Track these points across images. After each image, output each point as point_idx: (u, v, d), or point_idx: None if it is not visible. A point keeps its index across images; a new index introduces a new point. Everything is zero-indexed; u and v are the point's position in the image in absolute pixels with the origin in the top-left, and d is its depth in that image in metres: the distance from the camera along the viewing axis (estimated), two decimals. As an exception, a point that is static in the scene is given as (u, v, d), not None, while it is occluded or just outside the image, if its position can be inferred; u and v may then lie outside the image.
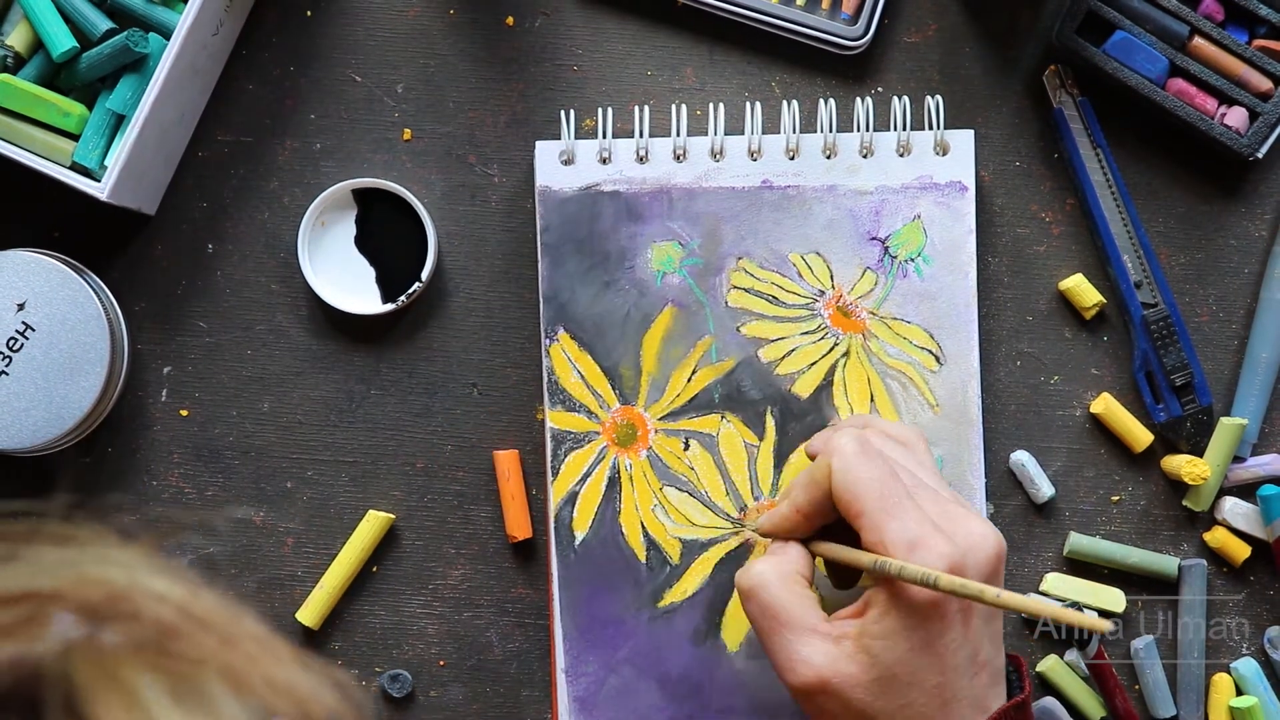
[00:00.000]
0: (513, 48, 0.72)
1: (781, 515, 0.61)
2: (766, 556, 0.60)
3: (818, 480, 0.58)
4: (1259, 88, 0.69)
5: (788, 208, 0.70)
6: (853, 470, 0.57)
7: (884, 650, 0.55)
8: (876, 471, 0.57)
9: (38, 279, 0.67)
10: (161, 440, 0.71)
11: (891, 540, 0.55)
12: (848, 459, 0.57)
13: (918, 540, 0.55)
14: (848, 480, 0.57)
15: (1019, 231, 0.71)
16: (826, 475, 0.58)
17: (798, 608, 0.57)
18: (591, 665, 0.69)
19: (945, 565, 0.54)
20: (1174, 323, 0.70)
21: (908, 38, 0.72)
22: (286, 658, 0.36)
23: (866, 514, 0.56)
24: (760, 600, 0.58)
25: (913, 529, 0.55)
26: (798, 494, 0.60)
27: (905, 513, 0.56)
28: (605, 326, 0.70)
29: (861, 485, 0.57)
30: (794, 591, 0.58)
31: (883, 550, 0.56)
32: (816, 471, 0.59)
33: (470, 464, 0.71)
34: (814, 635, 0.57)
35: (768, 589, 0.58)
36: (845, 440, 0.58)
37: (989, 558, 0.56)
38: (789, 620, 0.57)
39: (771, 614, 0.57)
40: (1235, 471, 0.71)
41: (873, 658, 0.56)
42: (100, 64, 0.66)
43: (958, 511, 0.58)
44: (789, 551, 0.60)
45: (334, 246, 0.71)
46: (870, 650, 0.56)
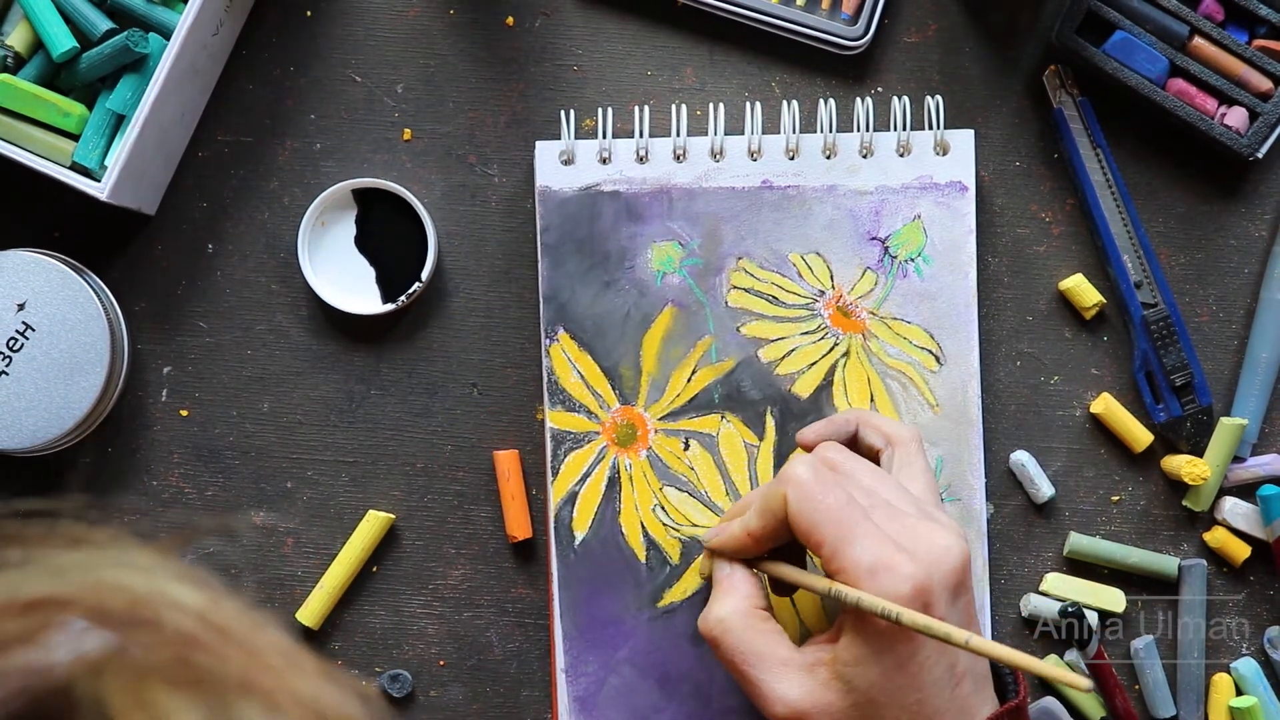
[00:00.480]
0: (513, 48, 0.72)
1: (732, 535, 0.60)
2: (721, 598, 0.60)
3: (773, 509, 0.58)
4: (1259, 88, 0.69)
5: (788, 208, 0.70)
6: (808, 500, 0.56)
7: (857, 676, 0.55)
8: (832, 499, 0.56)
9: (38, 279, 0.67)
10: (161, 440, 0.71)
11: (852, 567, 0.55)
12: (803, 488, 0.57)
13: (878, 563, 0.55)
14: (804, 510, 0.56)
15: (1019, 231, 0.71)
16: (782, 505, 0.57)
17: (765, 645, 0.57)
18: (591, 665, 0.69)
19: (909, 586, 0.54)
20: (1174, 323, 0.70)
21: (908, 38, 0.72)
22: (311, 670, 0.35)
23: (826, 543, 0.56)
24: (726, 645, 0.58)
25: (873, 552, 0.55)
26: (751, 518, 0.59)
27: (864, 536, 0.55)
28: (605, 326, 0.70)
29: (819, 514, 0.56)
30: (758, 630, 0.58)
31: (845, 578, 0.55)
32: (772, 500, 0.58)
33: (470, 464, 0.71)
34: (786, 669, 0.57)
35: (731, 633, 0.58)
36: (800, 469, 0.57)
37: (953, 569, 0.55)
38: (758, 660, 0.57)
39: (740, 657, 0.58)
40: (1235, 471, 0.71)
41: (848, 684, 0.55)
42: (100, 64, 0.66)
43: (918, 526, 0.57)
44: (740, 586, 0.60)
45: (334, 246, 0.71)
46: (844, 677, 0.56)
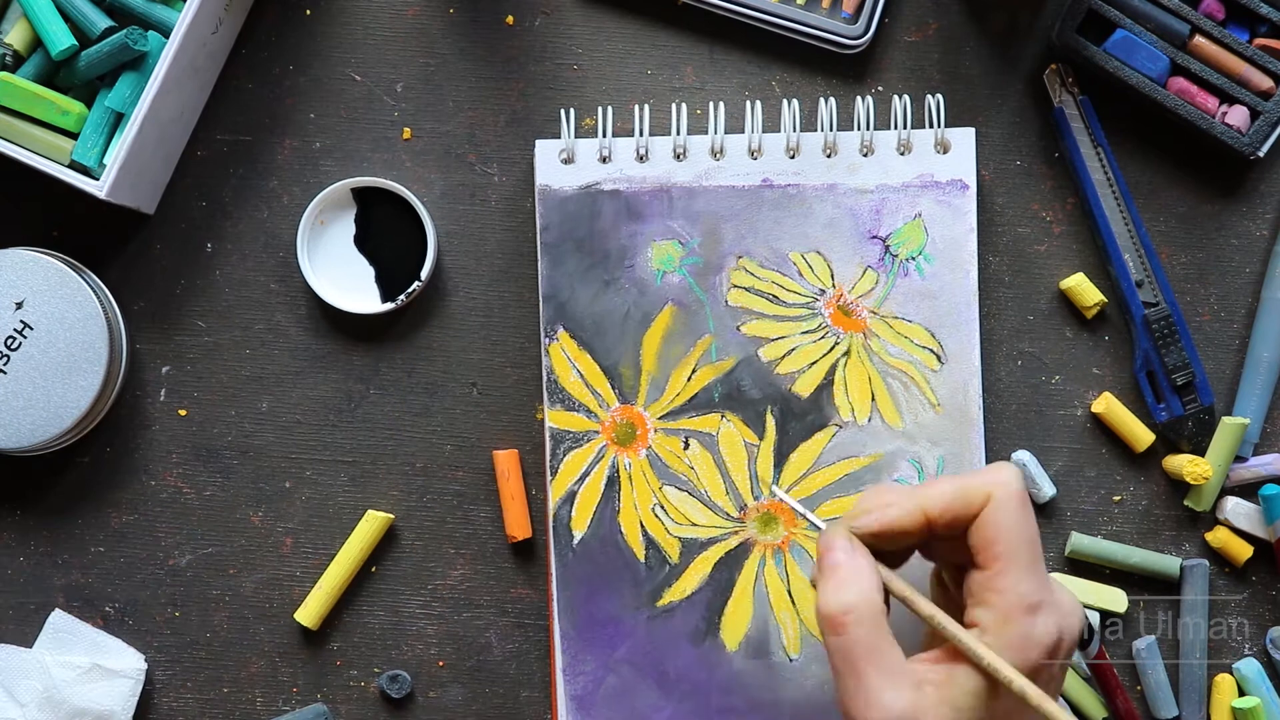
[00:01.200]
0: (513, 47, 0.72)
1: (904, 511, 0.57)
2: (849, 582, 0.56)
3: (969, 499, 0.56)
4: (1260, 86, 0.69)
5: (788, 206, 0.70)
6: (1014, 512, 0.55)
7: (969, 709, 0.54)
8: (1032, 522, 0.56)
9: (36, 278, 0.67)
10: (160, 440, 0.71)
11: (1021, 594, 0.54)
12: (1015, 499, 0.55)
13: (1040, 605, 0.54)
14: (1006, 518, 0.55)
15: (1020, 230, 0.71)
16: (982, 501, 0.55)
17: (888, 649, 0.55)
18: (590, 664, 0.69)
19: (1053, 638, 0.54)
20: (1175, 322, 0.69)
21: (908, 36, 0.72)
22: None
23: (1006, 558, 0.55)
24: (850, 636, 0.55)
25: (1041, 593, 0.55)
26: (935, 500, 0.56)
27: (1040, 573, 0.55)
28: (605, 325, 0.69)
29: (1016, 530, 0.55)
30: (882, 629, 0.55)
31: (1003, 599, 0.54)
32: (972, 491, 0.56)
33: (470, 464, 0.71)
34: (899, 678, 0.54)
35: (860, 625, 0.55)
36: (1013, 477, 0.56)
37: (1078, 628, 0.56)
38: (877, 659, 0.54)
39: (861, 651, 0.55)
40: (1237, 471, 0.71)
41: (956, 712, 0.54)
42: (99, 62, 0.66)
43: (1053, 580, 0.57)
44: (867, 575, 0.56)
45: (333, 246, 0.71)
46: (955, 704, 0.54)
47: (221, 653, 0.71)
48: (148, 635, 0.71)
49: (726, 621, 0.69)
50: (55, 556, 0.71)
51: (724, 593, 0.69)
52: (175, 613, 0.71)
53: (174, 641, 0.71)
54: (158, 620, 0.71)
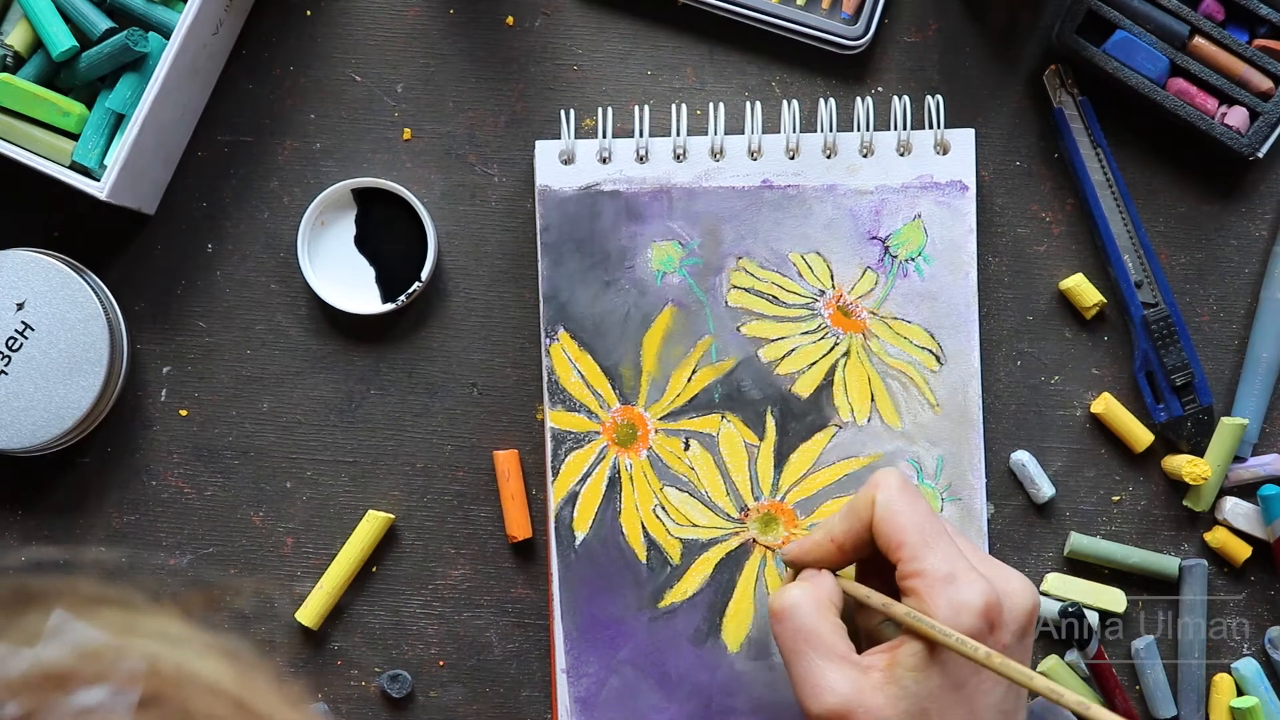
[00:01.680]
0: (513, 47, 0.72)
1: (814, 542, 0.60)
2: (800, 582, 0.59)
3: (858, 511, 0.59)
4: (1259, 87, 0.69)
5: (788, 207, 0.70)
6: (896, 502, 0.57)
7: (915, 682, 0.55)
8: (920, 507, 0.57)
9: (37, 278, 0.67)
10: (161, 440, 0.71)
11: (931, 569, 0.55)
12: (892, 490, 0.58)
13: (956, 573, 0.55)
14: (891, 511, 0.57)
15: (1019, 231, 0.71)
16: (868, 506, 0.58)
17: (829, 634, 0.57)
18: (593, 666, 0.69)
19: (982, 601, 0.55)
20: (1174, 322, 0.69)
21: (908, 37, 0.72)
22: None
23: (907, 545, 0.56)
24: (792, 623, 0.57)
25: (952, 562, 0.56)
26: (835, 523, 0.60)
27: (947, 546, 0.56)
28: (605, 326, 0.69)
29: (903, 516, 0.57)
30: (826, 619, 0.57)
31: (920, 581, 0.56)
32: (858, 502, 0.59)
33: (470, 464, 0.71)
34: (843, 663, 0.56)
35: (800, 612, 0.57)
36: (889, 475, 0.59)
37: (1025, 608, 0.56)
38: (819, 645, 0.57)
39: (802, 638, 0.57)
40: (1236, 471, 0.71)
41: (902, 689, 0.55)
42: (100, 63, 0.66)
43: (996, 562, 0.58)
44: (822, 580, 0.59)
45: (334, 246, 0.71)
46: (900, 681, 0.55)
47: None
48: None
49: (728, 622, 0.69)
50: (56, 557, 0.71)
51: (725, 594, 0.69)
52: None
53: (175, 641, 0.71)
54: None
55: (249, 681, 0.33)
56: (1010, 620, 0.56)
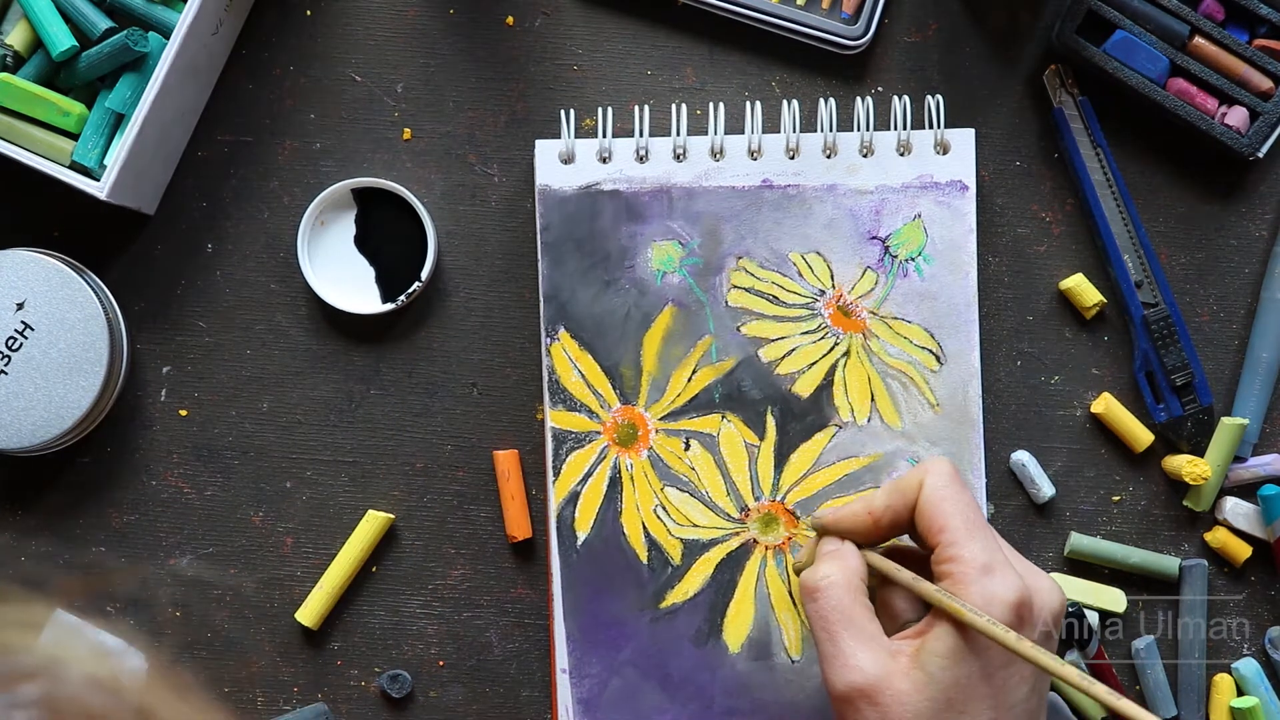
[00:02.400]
0: (513, 47, 0.72)
1: (852, 512, 0.61)
2: (831, 560, 0.60)
3: (904, 491, 0.59)
4: (1259, 87, 0.69)
5: (788, 207, 0.70)
6: (945, 488, 0.58)
7: (941, 670, 0.55)
8: (966, 497, 0.58)
9: (37, 278, 0.67)
10: (161, 440, 0.71)
11: (970, 557, 0.56)
12: (943, 476, 0.59)
13: (993, 565, 0.56)
14: (938, 495, 0.58)
15: (1019, 231, 0.71)
16: (915, 487, 0.59)
17: (861, 615, 0.58)
18: (595, 666, 0.69)
19: (1015, 596, 0.55)
20: (1174, 322, 0.69)
21: (908, 37, 0.72)
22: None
23: (949, 530, 0.57)
24: (825, 601, 0.58)
25: (991, 553, 0.56)
26: (878, 497, 0.60)
27: (987, 539, 0.57)
28: (606, 326, 0.69)
29: (950, 503, 0.58)
30: (859, 599, 0.58)
31: (957, 567, 0.56)
32: (904, 482, 0.60)
33: (470, 464, 0.71)
34: (873, 644, 0.57)
35: (834, 590, 0.58)
36: (941, 462, 0.60)
37: (1054, 610, 0.57)
38: (849, 624, 0.57)
39: (834, 616, 0.58)
40: (1236, 471, 0.71)
41: (929, 675, 0.55)
42: (100, 63, 0.66)
43: (1028, 562, 0.59)
44: (851, 558, 0.60)
45: (334, 246, 0.71)
46: (927, 668, 0.55)
47: (222, 652, 0.71)
48: (149, 635, 0.71)
49: (729, 623, 0.69)
50: (56, 557, 0.71)
51: (726, 594, 0.69)
52: (176, 612, 0.71)
53: (175, 641, 0.71)
54: (159, 620, 0.71)
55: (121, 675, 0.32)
56: (1038, 619, 0.56)
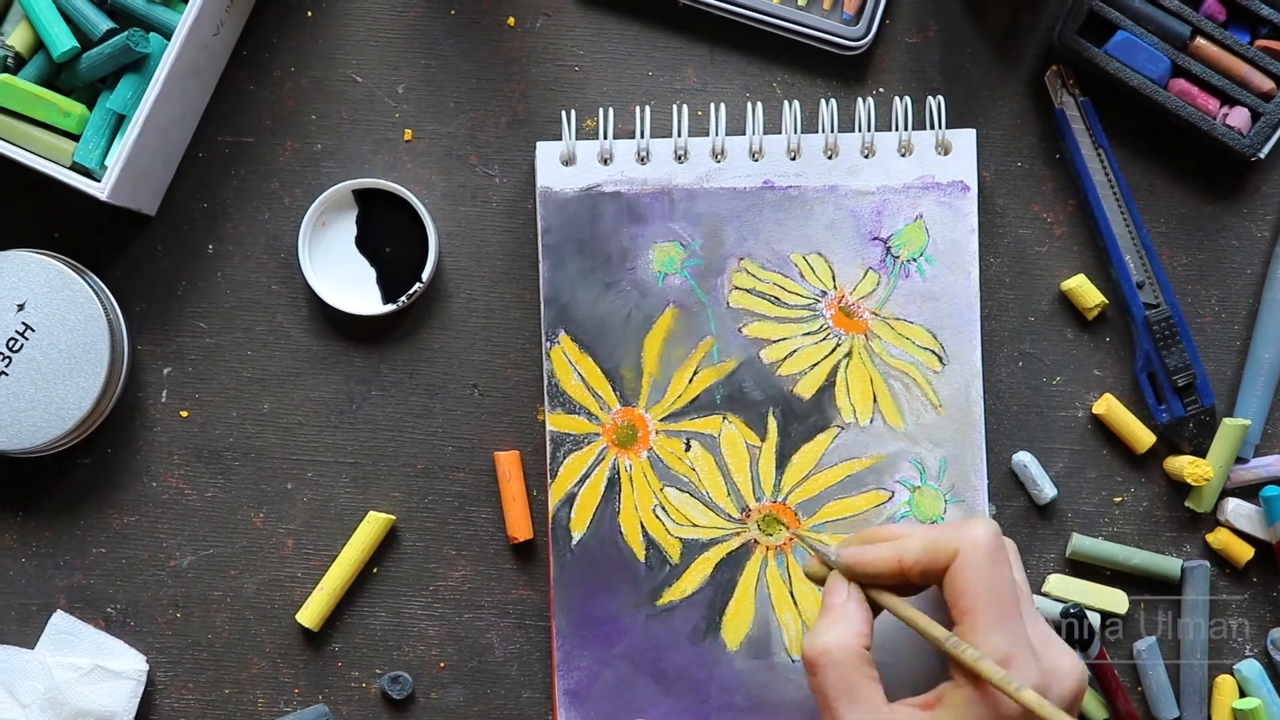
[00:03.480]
0: (514, 48, 0.72)
1: (881, 559, 0.59)
2: (833, 625, 0.58)
3: (938, 556, 0.57)
4: (1261, 88, 0.69)
5: (789, 208, 0.70)
6: (981, 568, 0.56)
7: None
8: (1000, 580, 0.56)
9: (38, 279, 0.67)
10: (161, 441, 0.71)
11: (990, 651, 0.55)
12: (981, 553, 0.56)
13: (1011, 657, 0.55)
14: (973, 575, 0.56)
15: (1021, 232, 0.71)
16: (950, 557, 0.57)
17: (862, 689, 0.56)
18: (586, 660, 0.69)
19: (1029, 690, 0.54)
20: (1176, 323, 0.69)
21: (909, 38, 0.72)
22: None
23: (973, 614, 0.56)
24: (826, 677, 0.57)
25: (1011, 645, 0.55)
26: (912, 549, 0.58)
27: (1012, 627, 0.55)
28: (606, 328, 0.69)
29: (983, 585, 0.56)
30: (860, 671, 0.57)
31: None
32: (942, 546, 0.57)
33: (471, 465, 0.71)
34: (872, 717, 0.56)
35: (836, 666, 0.57)
36: (982, 532, 0.57)
37: (1072, 691, 0.56)
38: (851, 702, 0.56)
39: (836, 692, 0.56)
40: (1238, 472, 0.71)
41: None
42: (101, 64, 0.66)
43: (1053, 638, 0.58)
44: (854, 618, 0.58)
45: (334, 247, 0.71)
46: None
47: (223, 654, 0.71)
48: (149, 636, 0.71)
49: (727, 621, 0.69)
50: (57, 558, 0.71)
51: (725, 593, 0.69)
52: (177, 614, 0.71)
53: (176, 642, 0.71)
54: (159, 621, 0.71)
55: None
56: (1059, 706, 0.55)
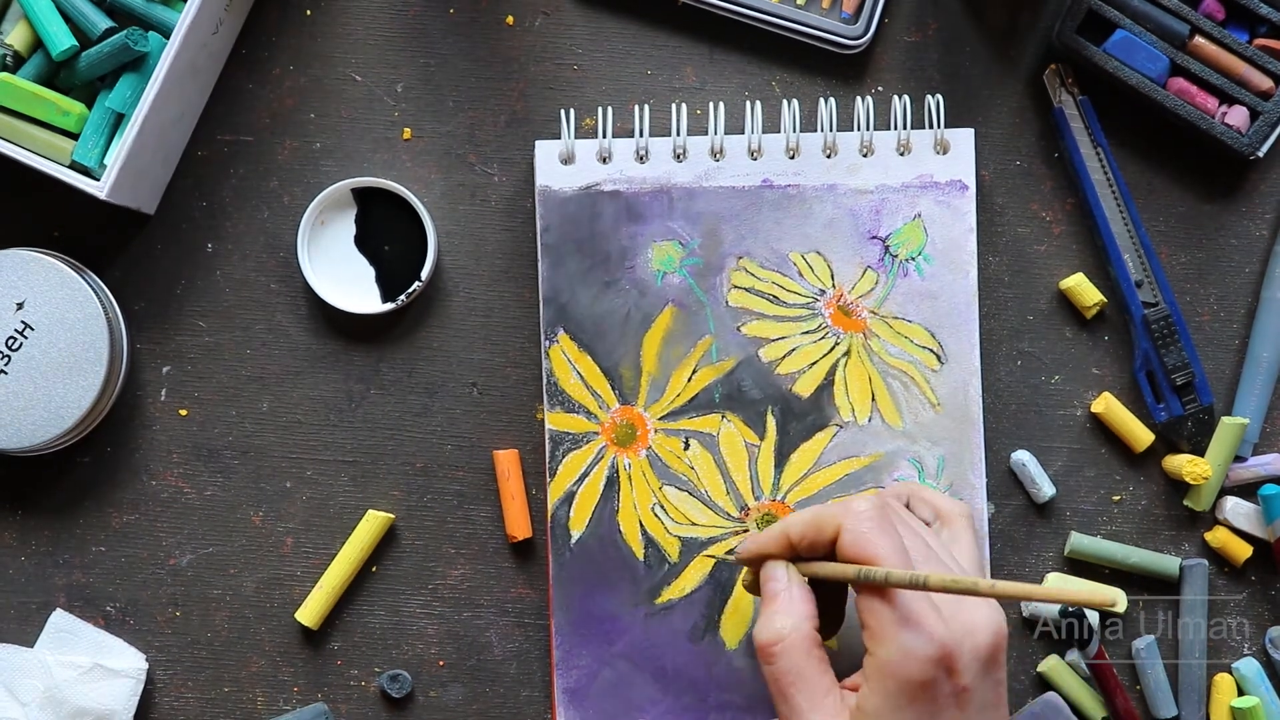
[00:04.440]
0: (513, 47, 0.72)
1: (770, 536, 0.59)
2: (780, 612, 0.58)
3: (823, 528, 0.58)
4: (1260, 87, 0.69)
5: (788, 207, 0.70)
6: (863, 535, 0.56)
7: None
8: (886, 541, 0.56)
9: (37, 278, 0.67)
10: (161, 440, 0.71)
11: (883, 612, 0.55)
12: (861, 522, 0.57)
13: (910, 615, 0.54)
14: (855, 542, 0.56)
15: (1019, 230, 0.71)
16: (834, 530, 0.57)
17: (814, 673, 0.57)
18: (585, 658, 0.69)
19: (934, 648, 0.54)
20: (1175, 322, 0.69)
21: (908, 37, 0.72)
22: None
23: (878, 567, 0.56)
24: (779, 664, 0.57)
25: (908, 605, 0.55)
26: (795, 524, 0.59)
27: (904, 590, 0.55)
28: (605, 327, 0.69)
29: (868, 551, 0.56)
30: (811, 655, 0.57)
31: (872, 619, 0.55)
32: (825, 520, 0.58)
33: (470, 463, 0.71)
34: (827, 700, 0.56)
35: (788, 654, 0.57)
36: (861, 505, 0.57)
37: (987, 642, 0.55)
38: (805, 686, 0.56)
39: (789, 679, 0.57)
40: (1236, 471, 0.71)
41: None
42: (100, 63, 0.66)
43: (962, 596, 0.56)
44: (799, 604, 0.58)
45: (334, 246, 0.71)
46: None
47: (222, 652, 0.71)
48: (149, 635, 0.71)
49: (726, 620, 0.69)
50: (56, 556, 0.71)
51: (724, 592, 0.69)
52: (176, 612, 0.71)
53: (175, 641, 0.71)
54: (159, 620, 0.71)
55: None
56: (970, 662, 0.55)
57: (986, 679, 0.55)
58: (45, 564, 0.71)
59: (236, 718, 0.71)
